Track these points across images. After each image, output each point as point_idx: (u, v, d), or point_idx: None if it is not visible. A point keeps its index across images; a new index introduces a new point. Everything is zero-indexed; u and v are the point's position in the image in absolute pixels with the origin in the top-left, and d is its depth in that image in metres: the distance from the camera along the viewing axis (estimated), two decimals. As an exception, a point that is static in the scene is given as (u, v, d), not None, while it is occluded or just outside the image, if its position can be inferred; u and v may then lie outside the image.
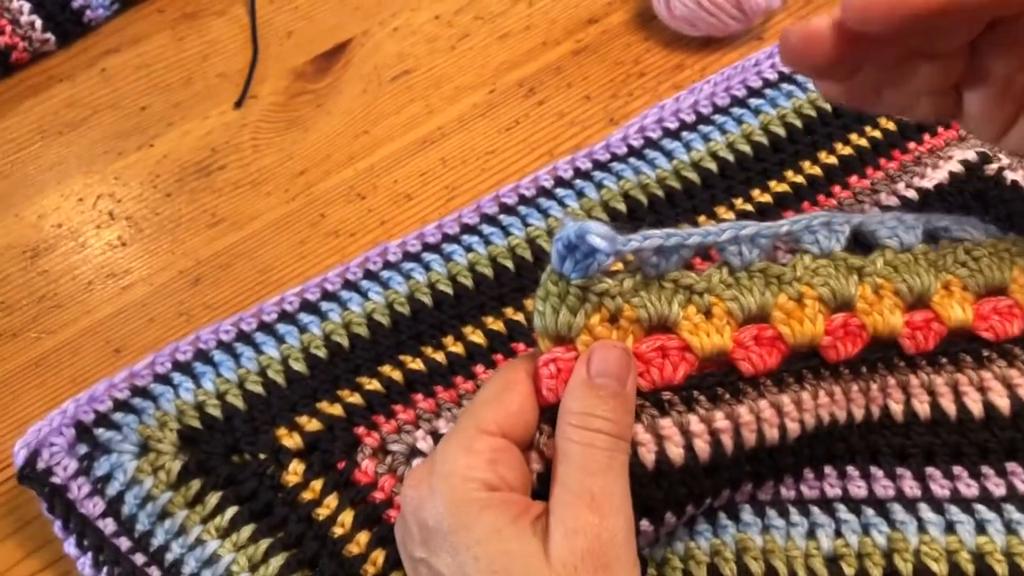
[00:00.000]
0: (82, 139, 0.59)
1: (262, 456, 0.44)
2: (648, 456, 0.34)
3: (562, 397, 0.33)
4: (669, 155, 0.54)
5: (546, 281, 0.35)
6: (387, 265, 0.50)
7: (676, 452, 0.34)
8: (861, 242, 0.40)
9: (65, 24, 0.62)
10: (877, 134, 0.54)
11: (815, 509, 0.39)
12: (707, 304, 0.36)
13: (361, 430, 0.45)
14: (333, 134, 0.58)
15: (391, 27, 0.63)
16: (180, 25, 0.64)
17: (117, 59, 0.62)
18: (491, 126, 0.58)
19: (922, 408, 0.39)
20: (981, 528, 0.38)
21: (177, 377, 0.47)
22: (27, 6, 0.61)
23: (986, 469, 0.39)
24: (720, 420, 0.35)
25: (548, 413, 0.34)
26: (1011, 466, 0.39)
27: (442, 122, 0.58)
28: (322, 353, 0.47)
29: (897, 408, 0.39)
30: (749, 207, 0.52)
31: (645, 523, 0.34)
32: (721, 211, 0.52)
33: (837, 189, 0.53)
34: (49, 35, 0.61)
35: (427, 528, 0.33)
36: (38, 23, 0.61)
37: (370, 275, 0.50)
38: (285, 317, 0.49)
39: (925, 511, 0.38)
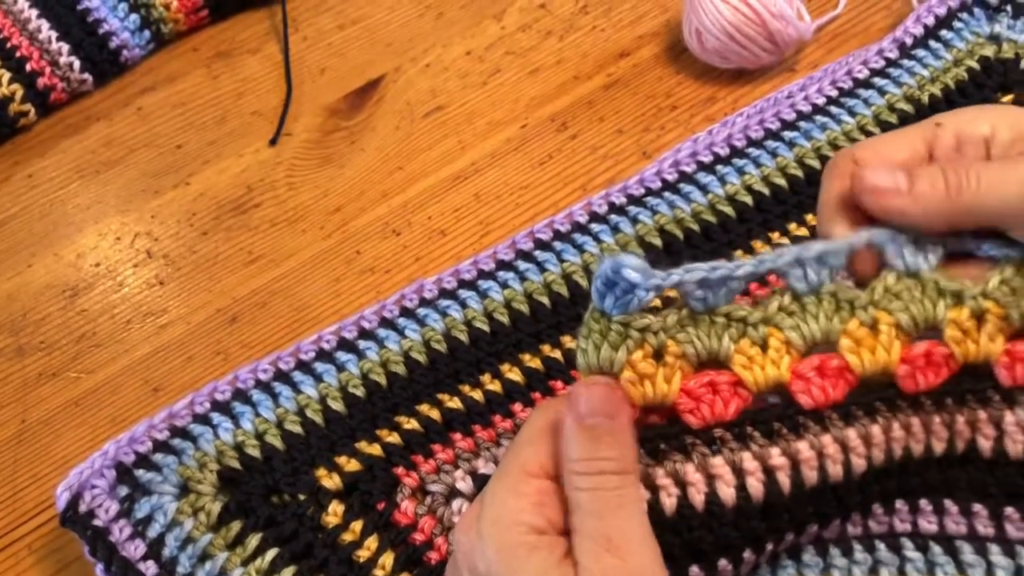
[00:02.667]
0: (119, 178, 0.59)
1: (302, 497, 0.44)
2: (698, 497, 0.33)
3: (561, 447, 0.33)
4: (704, 189, 0.54)
5: (588, 319, 0.35)
6: (423, 302, 0.50)
7: (727, 492, 0.33)
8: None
9: (102, 64, 0.63)
10: (914, 165, 0.54)
11: (880, 545, 0.38)
12: (763, 336, 0.35)
13: (400, 470, 0.45)
14: (367, 170, 0.59)
15: (423, 63, 0.64)
16: (214, 63, 0.64)
17: (153, 98, 0.63)
18: (524, 161, 0.58)
19: (1015, 448, 0.36)
20: None
21: (216, 417, 0.47)
22: (66, 47, 0.62)
23: None
24: (776, 457, 0.34)
25: None
26: None
27: (475, 157, 0.59)
28: (360, 392, 0.47)
29: (986, 444, 0.37)
30: (786, 240, 0.52)
31: (695, 569, 0.33)
32: (758, 245, 0.52)
33: (874, 222, 0.52)
34: (87, 75, 0.62)
35: (478, 573, 0.33)
36: (76, 64, 0.62)
37: (407, 312, 0.50)
38: (323, 356, 0.49)
39: (995, 553, 0.37)
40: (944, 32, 0.59)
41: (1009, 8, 0.60)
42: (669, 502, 0.33)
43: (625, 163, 0.58)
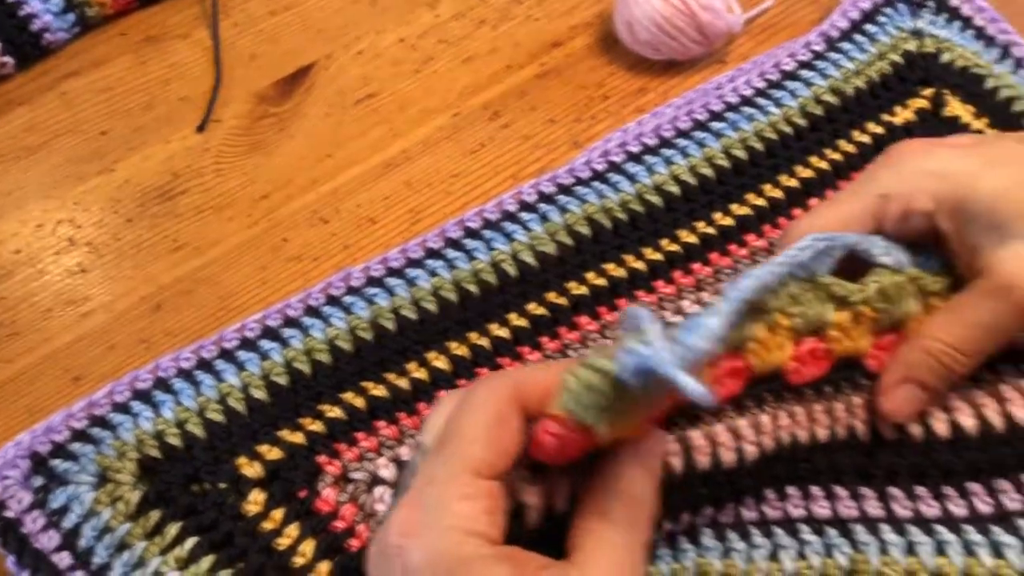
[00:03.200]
0: (41, 164, 0.58)
1: (222, 486, 0.44)
2: None
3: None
4: (632, 178, 0.54)
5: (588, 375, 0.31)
6: (350, 290, 0.50)
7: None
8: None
9: (24, 47, 0.61)
10: (838, 156, 0.55)
11: (778, 530, 0.39)
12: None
13: (322, 458, 0.45)
14: (296, 158, 0.58)
15: (355, 50, 0.63)
16: (142, 48, 0.63)
17: (77, 82, 0.62)
18: (456, 149, 0.58)
19: (886, 428, 0.39)
20: (940, 550, 0.38)
21: (136, 406, 0.46)
22: (-15, 29, 0.60)
23: (948, 490, 0.39)
24: (670, 444, 0.35)
25: None
26: (973, 487, 0.39)
27: (406, 145, 0.58)
28: (283, 380, 0.47)
29: (862, 428, 0.39)
30: (712, 230, 0.52)
31: None
32: (683, 234, 0.52)
33: (798, 212, 0.53)
34: (7, 58, 0.61)
35: None
36: (-4, 46, 0.60)
37: (332, 300, 0.50)
38: (246, 344, 0.48)
39: (887, 532, 0.39)
40: (869, 26, 0.60)
41: (932, 4, 0.61)
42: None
43: (556, 152, 0.58)
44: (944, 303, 0.39)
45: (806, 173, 0.54)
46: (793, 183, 0.54)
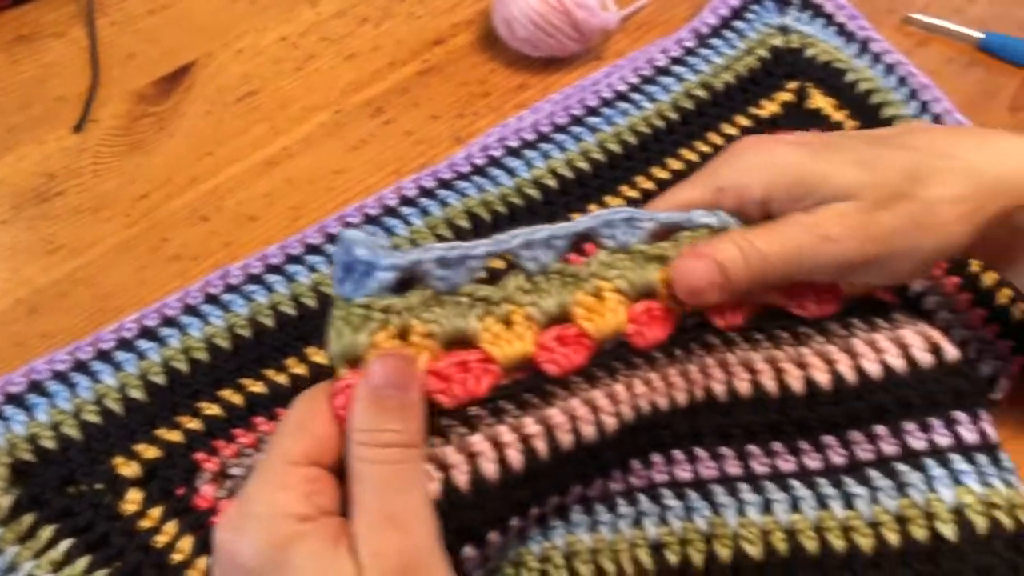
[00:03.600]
0: (-91, 166, 0.57)
1: (98, 486, 0.44)
2: (462, 478, 0.34)
3: (348, 417, 0.33)
4: (511, 172, 0.56)
5: (332, 309, 0.34)
6: (228, 288, 0.50)
7: (490, 468, 0.34)
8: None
9: None
10: (707, 149, 0.57)
11: (642, 497, 0.40)
12: (506, 313, 0.37)
13: (201, 455, 0.45)
14: (176, 156, 0.58)
15: (236, 48, 0.63)
16: (15, 47, 0.62)
17: (-52, 82, 0.60)
18: (338, 146, 0.59)
19: (743, 386, 0.41)
20: (795, 505, 0.40)
21: (8, 410, 0.46)
22: None
23: (804, 444, 0.41)
24: (531, 426, 0.35)
25: None
26: (828, 439, 0.41)
27: (288, 143, 0.59)
28: (161, 380, 0.47)
29: (720, 388, 0.41)
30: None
31: (469, 549, 0.34)
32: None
33: (669, 202, 0.55)
34: None
35: (246, 571, 0.32)
36: None
37: (211, 299, 0.50)
38: (123, 344, 0.48)
39: (745, 491, 0.40)
40: (738, 23, 0.63)
41: (797, 1, 0.64)
42: (433, 487, 0.33)
43: (438, 148, 0.59)
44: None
45: (677, 165, 0.57)
46: (665, 175, 0.56)
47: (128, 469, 0.44)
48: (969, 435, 0.40)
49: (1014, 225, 0.42)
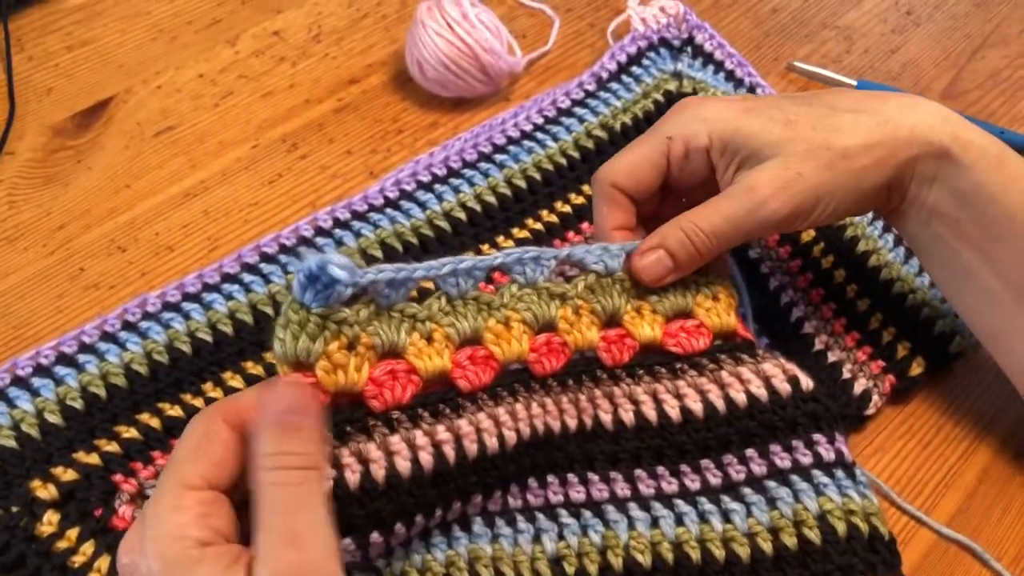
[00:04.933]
0: None
1: (15, 509, 0.45)
2: (379, 472, 0.37)
3: (252, 442, 0.35)
4: (423, 205, 0.59)
5: (287, 310, 0.37)
6: (146, 316, 0.52)
7: (404, 465, 0.37)
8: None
9: None
10: (607, 185, 0.61)
11: (540, 515, 0.43)
12: (429, 330, 0.41)
13: (119, 477, 0.46)
14: (94, 189, 0.59)
15: (154, 85, 0.65)
16: (-71, 80, 0.63)
17: None
18: (254, 179, 0.61)
19: (627, 416, 0.45)
20: (679, 520, 0.43)
21: (-78, 436, 0.46)
22: None
23: (684, 467, 0.45)
24: (442, 433, 0.39)
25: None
26: (704, 462, 0.45)
27: (205, 176, 0.61)
28: (79, 405, 0.48)
29: (607, 418, 0.45)
30: (495, 252, 0.57)
31: (375, 535, 0.37)
32: (469, 256, 0.57)
33: (571, 235, 0.59)
34: None
35: None
36: None
37: (128, 326, 0.51)
38: (40, 371, 0.49)
39: (634, 509, 0.44)
40: (635, 68, 0.68)
41: (689, 49, 0.69)
42: (353, 478, 0.36)
43: (353, 182, 0.62)
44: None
45: (578, 200, 0.60)
46: (567, 209, 0.60)
47: (45, 492, 0.45)
48: (827, 454, 0.44)
49: (911, 188, 0.48)
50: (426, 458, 0.38)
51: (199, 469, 0.34)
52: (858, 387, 0.53)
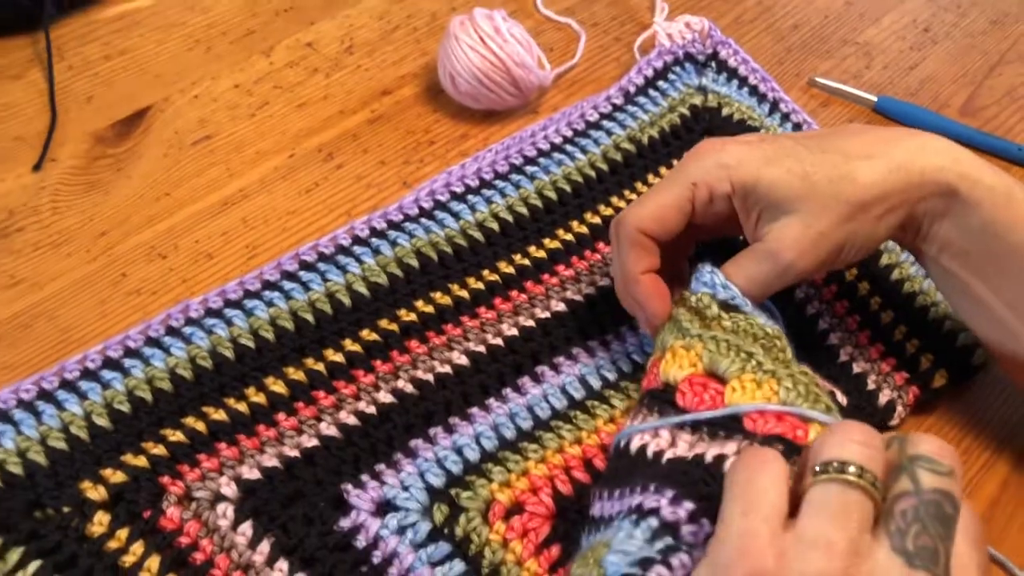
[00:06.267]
0: None
1: (66, 509, 0.46)
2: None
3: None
4: (456, 216, 0.60)
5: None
6: (189, 321, 0.53)
7: None
8: None
9: None
10: (634, 197, 0.63)
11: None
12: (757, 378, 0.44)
13: (166, 479, 0.47)
14: (134, 196, 0.60)
15: (191, 94, 0.66)
16: (-28, 88, 0.64)
17: (-96, 121, 0.62)
18: (291, 188, 0.62)
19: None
20: None
21: (-26, 437, 0.47)
22: None
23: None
24: None
25: None
26: None
27: (243, 184, 0.62)
28: (125, 408, 0.49)
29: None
30: (527, 262, 0.58)
31: None
32: (502, 265, 0.58)
33: (601, 245, 0.60)
34: None
35: None
36: None
37: (172, 331, 0.52)
38: (88, 374, 0.50)
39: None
40: (661, 83, 0.69)
41: (714, 64, 0.71)
42: None
43: (387, 192, 0.63)
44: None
45: (608, 212, 0.62)
46: (597, 220, 0.61)
47: (95, 493, 0.46)
48: None
49: (923, 226, 0.49)
50: None
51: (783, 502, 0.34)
52: (883, 398, 0.54)
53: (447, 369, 0.53)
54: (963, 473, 0.52)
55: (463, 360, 0.53)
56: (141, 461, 0.48)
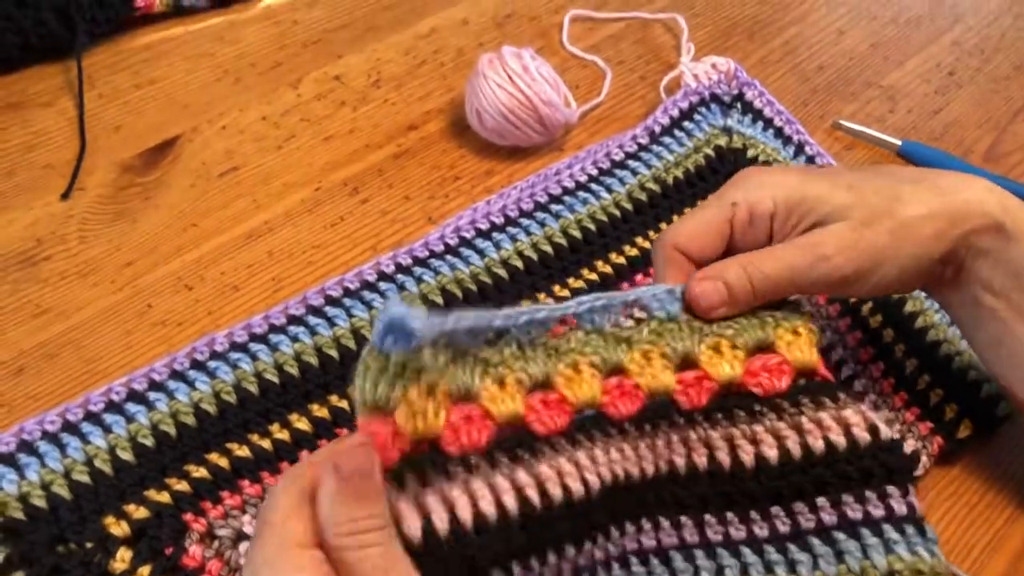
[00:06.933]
0: None
1: (89, 545, 0.46)
2: (466, 515, 0.37)
3: (319, 511, 0.35)
4: (481, 253, 0.60)
5: (366, 357, 0.37)
6: (214, 355, 0.53)
7: (489, 509, 0.37)
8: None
9: None
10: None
11: (615, 566, 0.44)
12: (501, 375, 0.41)
13: (189, 516, 0.47)
14: (161, 226, 0.61)
15: (219, 125, 0.67)
16: (3, 115, 0.65)
17: (-65, 146, 0.62)
18: (317, 222, 0.62)
19: (700, 461, 0.45)
20: (745, 570, 0.44)
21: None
22: None
23: (753, 514, 0.45)
24: (523, 477, 0.39)
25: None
26: (775, 509, 0.45)
27: (269, 217, 0.62)
28: (149, 442, 0.49)
29: (680, 462, 0.45)
30: (551, 301, 0.59)
31: None
32: (526, 304, 0.58)
33: (625, 286, 0.60)
34: None
35: None
36: None
37: (197, 365, 0.52)
38: (112, 407, 0.50)
39: (701, 557, 0.44)
40: (686, 123, 0.69)
41: (739, 106, 0.71)
42: (441, 525, 0.36)
43: (412, 227, 0.63)
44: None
45: (632, 252, 0.62)
46: (621, 260, 0.61)
47: (118, 528, 0.46)
48: (900, 507, 0.45)
49: (966, 260, 0.49)
50: (510, 502, 0.38)
51: (305, 527, 0.35)
52: (907, 447, 0.54)
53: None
54: (987, 526, 0.52)
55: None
56: (164, 497, 0.48)
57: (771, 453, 0.45)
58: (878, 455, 0.45)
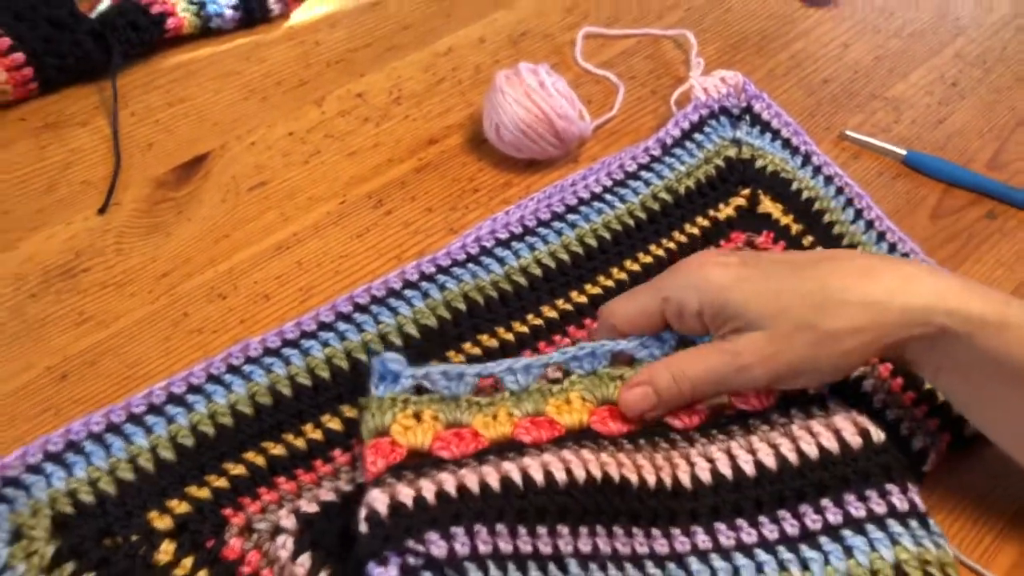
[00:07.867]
0: (-57, 241, 0.61)
1: (134, 538, 0.48)
2: (449, 486, 0.44)
3: None
4: (501, 261, 0.62)
5: (367, 404, 0.49)
6: (249, 360, 0.55)
7: (473, 484, 0.44)
8: None
9: (-74, 130, 0.64)
10: (672, 245, 0.65)
11: (628, 565, 0.46)
12: (493, 411, 0.48)
13: (228, 511, 0.49)
14: (194, 239, 0.63)
15: (248, 142, 0.69)
16: (43, 134, 0.67)
17: (-22, 165, 0.65)
18: (343, 233, 0.65)
19: (704, 474, 0.48)
20: (760, 568, 0.46)
21: (49, 467, 0.49)
22: None
23: (761, 518, 0.48)
24: (507, 465, 0.45)
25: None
26: (781, 513, 0.48)
27: (297, 229, 0.65)
28: (189, 442, 0.52)
29: (685, 476, 0.48)
30: (569, 307, 0.61)
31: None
32: (545, 310, 0.60)
33: (641, 291, 0.62)
34: (-91, 140, 0.63)
35: None
36: (-102, 129, 0.63)
37: (233, 369, 0.55)
38: (153, 409, 0.53)
39: (716, 560, 0.47)
40: (697, 135, 0.71)
41: (748, 117, 0.73)
42: (429, 495, 0.44)
43: (434, 237, 0.66)
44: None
45: (646, 259, 0.64)
46: (636, 267, 0.63)
47: (161, 522, 0.48)
48: (901, 504, 0.47)
49: (907, 356, 0.50)
50: (493, 481, 0.44)
51: None
52: (916, 444, 0.56)
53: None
54: (997, 518, 0.54)
55: (510, 400, 0.56)
56: (204, 493, 0.50)
57: (769, 460, 0.49)
58: (873, 456, 0.48)
